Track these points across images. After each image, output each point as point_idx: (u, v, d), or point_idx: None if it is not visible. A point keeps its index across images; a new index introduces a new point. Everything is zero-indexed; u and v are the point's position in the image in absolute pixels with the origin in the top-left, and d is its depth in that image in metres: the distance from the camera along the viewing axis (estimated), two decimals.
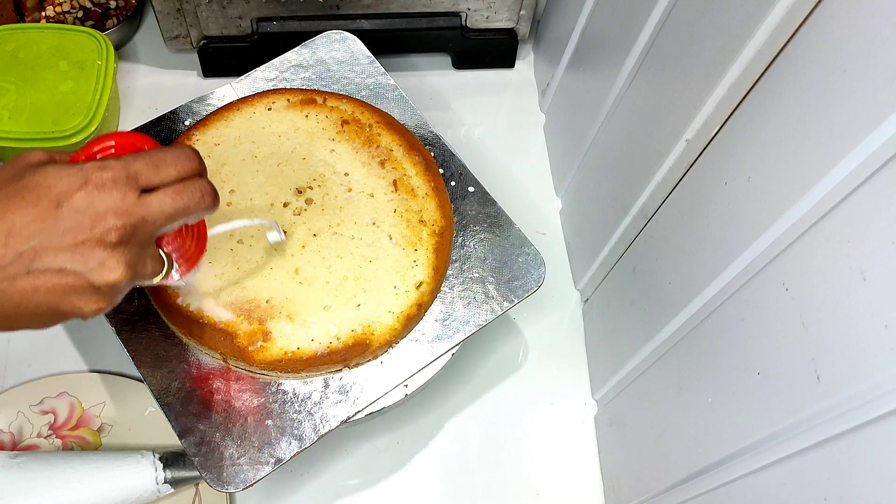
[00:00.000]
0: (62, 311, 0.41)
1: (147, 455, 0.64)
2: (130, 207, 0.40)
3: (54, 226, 0.39)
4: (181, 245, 0.47)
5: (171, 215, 0.42)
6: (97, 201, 0.39)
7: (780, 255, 0.43)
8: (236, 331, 0.58)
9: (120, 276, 0.40)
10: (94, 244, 0.39)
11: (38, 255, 0.39)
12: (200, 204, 0.43)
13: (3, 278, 0.38)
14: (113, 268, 0.40)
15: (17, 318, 0.40)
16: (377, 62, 0.74)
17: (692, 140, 0.54)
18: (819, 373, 0.39)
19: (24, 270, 0.39)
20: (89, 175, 0.40)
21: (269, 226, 0.58)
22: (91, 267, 0.40)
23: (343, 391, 0.59)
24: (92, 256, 0.40)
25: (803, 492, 0.40)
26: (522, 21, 0.87)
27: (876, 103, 0.35)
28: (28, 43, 0.78)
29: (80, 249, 0.39)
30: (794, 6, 0.41)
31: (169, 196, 0.42)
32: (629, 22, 0.63)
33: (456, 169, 0.69)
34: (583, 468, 0.73)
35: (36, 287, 0.39)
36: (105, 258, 0.40)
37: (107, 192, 0.40)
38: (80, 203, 0.39)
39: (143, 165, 0.41)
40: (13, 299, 0.39)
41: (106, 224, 0.40)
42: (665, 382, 0.59)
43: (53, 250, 0.39)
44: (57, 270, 0.39)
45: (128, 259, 0.41)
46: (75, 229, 0.39)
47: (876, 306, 0.35)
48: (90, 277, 0.40)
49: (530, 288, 0.64)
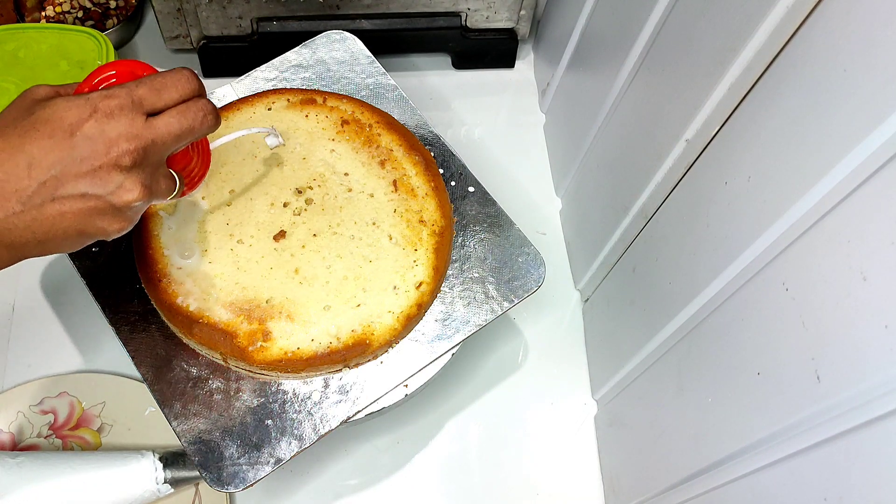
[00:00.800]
0: (89, 233, 0.43)
1: (147, 455, 0.64)
2: (140, 131, 0.43)
3: (71, 154, 0.41)
4: (188, 163, 0.50)
5: (178, 136, 0.44)
6: (108, 128, 0.42)
7: (780, 255, 0.43)
8: (236, 331, 0.58)
9: (138, 196, 0.43)
10: (110, 168, 0.42)
11: (60, 183, 0.41)
12: (204, 123, 0.45)
13: (32, 207, 0.41)
14: (131, 188, 0.43)
15: (48, 243, 0.43)
16: (377, 62, 0.74)
17: (692, 140, 0.54)
18: (819, 373, 0.39)
19: (50, 198, 0.41)
20: (97, 104, 0.42)
21: (268, 131, 0.60)
22: (110, 190, 0.42)
23: (343, 391, 0.59)
24: (110, 180, 0.42)
25: (803, 492, 0.40)
26: (522, 21, 0.87)
27: (876, 103, 0.35)
28: (28, 43, 0.78)
29: (98, 174, 0.42)
30: (794, 6, 0.41)
31: (174, 118, 0.44)
32: (629, 22, 0.63)
33: (456, 169, 0.69)
34: (583, 468, 0.73)
35: (63, 213, 0.42)
36: (122, 180, 0.42)
37: (115, 118, 0.42)
38: (92, 131, 0.41)
39: (146, 91, 0.44)
40: (43, 226, 0.42)
41: (119, 148, 0.42)
42: (665, 382, 0.59)
43: (73, 177, 0.41)
44: (80, 195, 0.42)
45: (143, 180, 0.43)
46: (91, 156, 0.41)
47: (876, 306, 0.35)
48: (111, 199, 0.42)
49: (530, 288, 0.64)
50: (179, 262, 0.60)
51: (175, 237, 0.61)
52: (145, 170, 0.44)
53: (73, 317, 0.76)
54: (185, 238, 0.61)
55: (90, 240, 0.44)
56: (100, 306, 0.61)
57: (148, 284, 0.60)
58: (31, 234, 0.42)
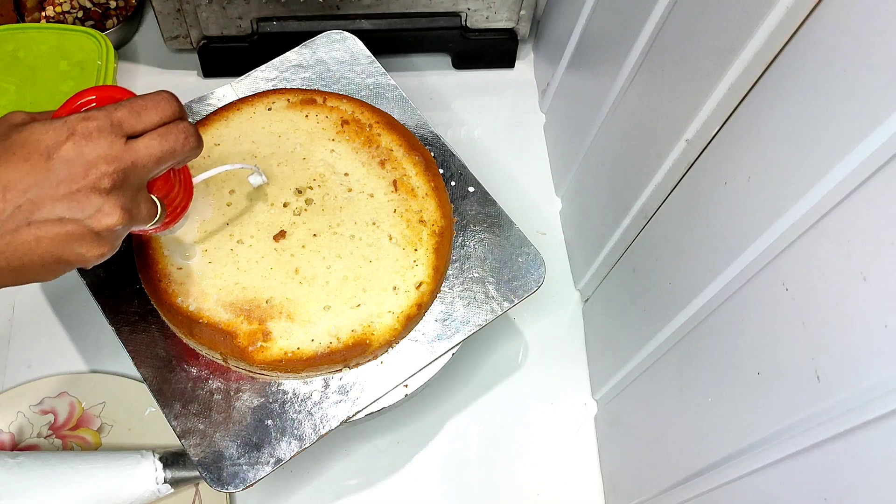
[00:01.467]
0: (66, 260, 0.42)
1: (147, 455, 0.64)
2: (119, 153, 0.41)
3: (48, 177, 0.40)
4: (170, 191, 0.48)
5: (159, 158, 0.43)
6: (86, 150, 0.40)
7: (780, 255, 0.43)
8: (236, 331, 0.58)
9: (117, 220, 0.42)
10: (88, 191, 0.41)
11: (36, 207, 0.40)
12: (185, 145, 0.44)
13: (6, 232, 0.39)
14: (110, 212, 0.41)
15: (24, 271, 0.41)
16: (377, 62, 0.74)
17: (692, 140, 0.54)
18: (819, 373, 0.39)
19: (25, 222, 0.40)
20: (74, 126, 0.41)
21: (252, 169, 0.60)
22: (89, 213, 0.41)
23: (343, 391, 0.59)
24: (88, 203, 0.41)
25: (803, 492, 0.40)
26: (522, 21, 0.87)
27: (876, 103, 0.35)
28: (28, 43, 0.78)
29: (76, 197, 0.40)
30: (794, 6, 0.41)
31: (155, 140, 0.43)
32: (629, 22, 0.63)
33: (456, 169, 0.69)
34: (583, 468, 0.73)
35: (38, 238, 0.40)
36: (101, 204, 0.41)
37: (94, 140, 0.41)
38: (70, 153, 0.40)
39: (125, 113, 0.42)
40: (18, 251, 0.40)
41: (98, 171, 0.41)
42: (665, 382, 0.59)
43: (50, 201, 0.40)
44: (56, 220, 0.40)
45: (123, 203, 0.42)
46: (69, 179, 0.40)
47: (876, 306, 0.35)
48: (89, 224, 0.41)
49: (530, 288, 0.64)
50: (179, 262, 0.60)
51: (175, 238, 0.61)
52: (125, 193, 0.42)
53: (73, 317, 0.76)
54: (185, 239, 0.61)
55: (68, 268, 0.43)
56: (100, 306, 0.61)
57: (148, 284, 0.60)
58: (5, 261, 0.40)
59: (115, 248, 0.44)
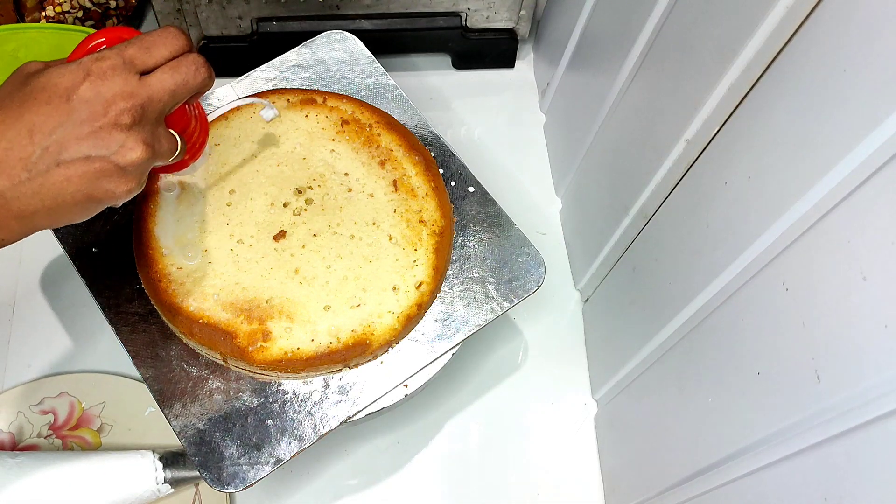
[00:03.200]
0: (97, 197, 0.43)
1: (147, 455, 0.64)
2: (135, 89, 0.43)
3: (70, 118, 0.41)
4: (187, 126, 0.50)
5: (173, 91, 0.45)
6: (103, 89, 0.42)
7: (780, 255, 0.43)
8: (236, 331, 0.58)
9: (141, 154, 0.43)
10: (110, 128, 0.42)
11: (62, 148, 0.41)
12: (197, 76, 0.46)
13: (37, 174, 0.41)
14: (133, 147, 0.43)
15: (58, 210, 0.42)
16: (377, 62, 0.74)
17: (692, 140, 0.54)
18: (819, 373, 0.39)
19: (54, 163, 0.41)
20: (89, 67, 0.42)
21: (263, 103, 0.60)
22: (113, 150, 0.42)
23: (343, 391, 0.59)
24: (112, 140, 0.42)
25: (803, 492, 0.40)
26: (522, 21, 0.87)
27: (876, 103, 0.35)
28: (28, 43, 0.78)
29: (99, 135, 0.42)
30: (794, 6, 0.41)
31: (167, 73, 0.44)
32: (629, 22, 0.63)
33: (456, 169, 0.69)
34: (583, 468, 0.73)
35: (68, 177, 0.41)
36: (124, 139, 0.42)
37: (109, 79, 0.42)
38: (88, 93, 0.42)
39: (135, 50, 0.44)
40: (51, 192, 0.41)
41: (117, 108, 0.42)
42: (665, 382, 0.59)
43: (75, 140, 0.41)
44: (83, 158, 0.42)
45: (144, 138, 0.43)
46: (90, 118, 0.42)
47: (876, 306, 0.35)
48: (115, 160, 0.42)
49: (530, 288, 0.64)
50: (179, 262, 0.60)
51: (175, 238, 0.61)
52: (145, 128, 0.44)
53: (73, 317, 0.76)
54: (185, 239, 0.61)
55: (99, 206, 0.44)
56: (100, 307, 0.61)
57: (148, 284, 0.60)
58: (40, 202, 0.42)
59: (141, 183, 0.45)
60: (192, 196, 0.63)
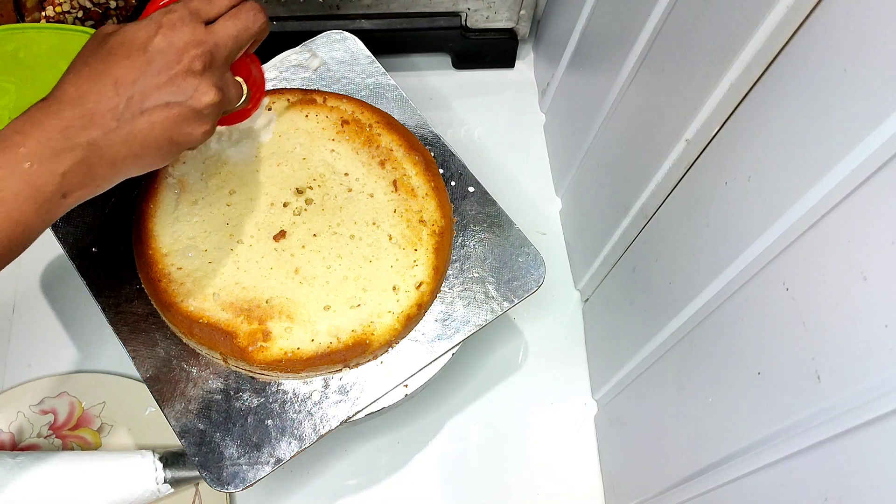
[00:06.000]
0: (178, 141, 0.47)
1: (147, 455, 0.64)
2: (202, 37, 0.47)
3: (148, 68, 0.45)
4: (249, 75, 0.54)
5: (237, 36, 0.49)
6: (175, 39, 0.46)
7: (780, 255, 0.43)
8: (236, 331, 0.58)
9: (214, 97, 0.47)
10: (185, 75, 0.46)
11: (144, 97, 0.45)
12: (256, 21, 0.50)
13: (125, 122, 0.45)
14: (206, 90, 0.46)
15: (144, 155, 0.46)
16: (377, 62, 0.74)
17: (692, 140, 0.54)
18: (819, 373, 0.39)
19: (139, 111, 0.45)
20: (160, 20, 0.46)
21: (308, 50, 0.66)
22: (189, 94, 0.46)
23: (343, 391, 0.59)
24: (187, 85, 0.46)
25: (803, 492, 0.40)
26: (522, 21, 0.87)
27: (876, 103, 0.35)
28: (28, 43, 0.77)
29: (175, 82, 0.46)
30: (794, 6, 0.41)
31: (229, 21, 0.49)
32: (629, 22, 0.63)
33: (456, 169, 0.69)
34: (583, 468, 0.73)
35: (152, 123, 0.45)
36: (197, 84, 0.46)
37: (179, 29, 0.46)
38: (162, 44, 0.46)
39: (199, 2, 0.48)
40: (137, 138, 0.45)
41: (189, 55, 0.46)
42: (665, 382, 0.59)
43: (155, 88, 0.45)
44: (164, 105, 0.45)
45: (215, 82, 0.47)
46: (166, 67, 0.45)
47: (876, 306, 0.35)
48: (191, 104, 0.46)
49: (530, 288, 0.64)
50: (179, 262, 0.60)
51: (175, 238, 0.61)
52: (215, 73, 0.48)
53: (73, 317, 0.76)
54: (185, 239, 0.61)
55: (179, 149, 0.48)
56: (100, 307, 0.61)
57: (148, 284, 0.60)
58: (129, 149, 0.45)
59: (214, 127, 0.49)
60: (192, 196, 0.63)
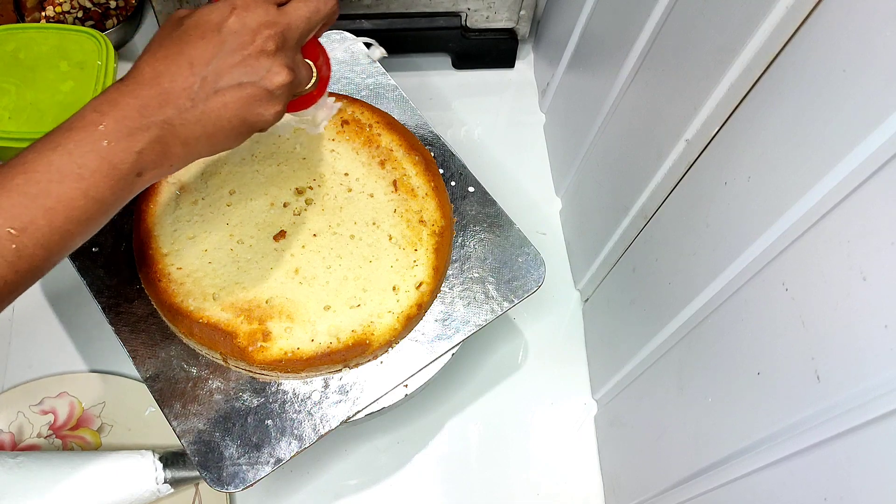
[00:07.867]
0: (250, 121, 0.47)
1: (147, 455, 0.64)
2: (275, 18, 0.47)
3: (222, 49, 0.45)
4: (317, 59, 0.54)
5: (308, 18, 0.49)
6: (248, 20, 0.46)
7: (780, 255, 0.43)
8: (236, 331, 0.58)
9: (286, 77, 0.47)
10: (258, 55, 0.46)
11: (218, 77, 0.45)
12: (328, 3, 0.50)
13: (199, 101, 0.45)
14: (278, 71, 0.46)
15: (217, 135, 0.46)
16: (377, 62, 0.74)
17: (692, 140, 0.54)
18: (819, 373, 0.39)
19: (213, 91, 0.45)
20: (234, 2, 0.46)
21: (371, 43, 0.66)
22: (262, 75, 0.46)
23: (343, 391, 0.59)
24: (260, 66, 0.46)
25: (803, 492, 0.40)
26: (522, 21, 0.87)
27: (876, 103, 0.35)
28: (28, 43, 0.77)
29: (248, 62, 0.46)
30: (794, 6, 0.41)
31: (302, 2, 0.49)
32: (629, 22, 0.63)
33: (456, 169, 0.69)
34: (583, 468, 0.73)
35: (226, 103, 0.45)
36: (270, 65, 0.46)
37: (252, 10, 0.46)
38: (236, 25, 0.46)
39: None
40: (211, 118, 0.45)
41: (262, 36, 0.46)
42: (665, 382, 0.59)
43: (229, 68, 0.45)
44: (237, 85, 0.45)
45: (287, 62, 0.47)
46: (240, 47, 0.46)
47: (876, 306, 0.35)
48: (263, 84, 0.46)
49: (530, 288, 0.64)
50: (179, 262, 0.60)
51: (175, 238, 0.61)
52: (287, 53, 0.48)
53: (73, 317, 0.76)
54: (185, 239, 0.61)
55: (251, 130, 0.47)
56: (100, 307, 0.61)
57: (148, 284, 0.60)
58: (202, 128, 0.45)
59: (284, 108, 0.49)
60: (192, 196, 0.63)
